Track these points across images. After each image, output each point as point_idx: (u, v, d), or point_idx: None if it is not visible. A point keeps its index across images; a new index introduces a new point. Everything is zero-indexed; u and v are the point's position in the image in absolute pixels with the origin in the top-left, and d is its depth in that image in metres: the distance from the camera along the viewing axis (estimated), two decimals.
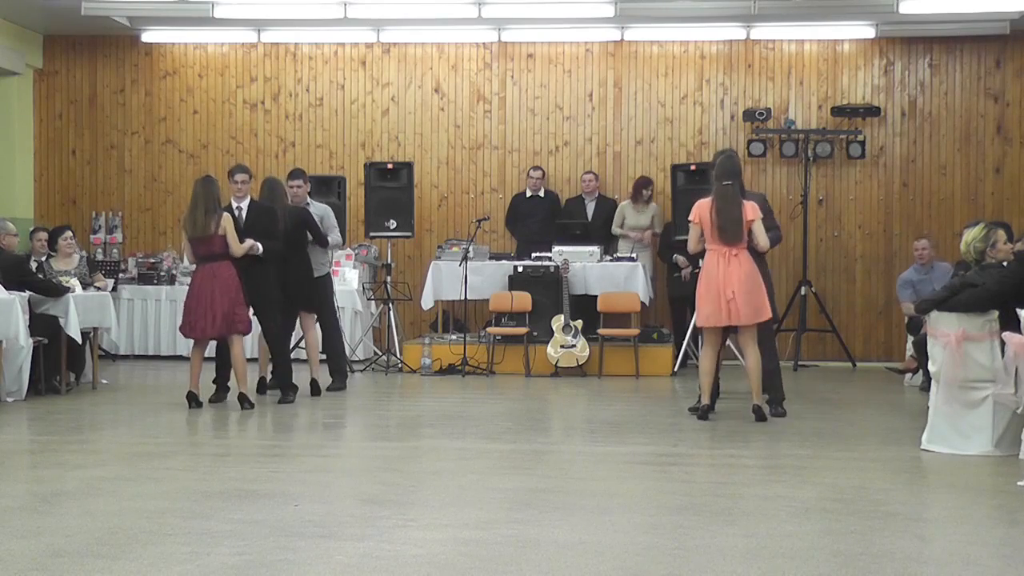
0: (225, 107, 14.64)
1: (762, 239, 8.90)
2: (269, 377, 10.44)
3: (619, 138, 14.24)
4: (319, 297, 10.60)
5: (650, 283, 12.89)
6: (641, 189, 13.42)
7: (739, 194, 8.89)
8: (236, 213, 9.78)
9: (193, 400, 9.49)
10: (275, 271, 9.95)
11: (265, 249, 9.71)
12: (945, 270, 11.34)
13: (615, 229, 13.41)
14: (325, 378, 10.70)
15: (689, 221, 9.02)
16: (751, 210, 8.86)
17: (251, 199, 10.05)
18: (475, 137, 14.40)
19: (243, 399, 9.43)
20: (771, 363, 9.22)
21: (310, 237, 10.47)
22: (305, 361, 10.78)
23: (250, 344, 11.11)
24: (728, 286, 8.75)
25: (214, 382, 9.96)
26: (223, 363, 9.96)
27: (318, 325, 10.68)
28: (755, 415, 8.86)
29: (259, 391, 10.35)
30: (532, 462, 7.34)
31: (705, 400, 8.99)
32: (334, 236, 10.82)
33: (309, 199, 10.89)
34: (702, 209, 8.89)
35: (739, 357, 10.92)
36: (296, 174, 10.84)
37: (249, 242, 9.61)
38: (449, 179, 14.42)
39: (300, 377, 10.33)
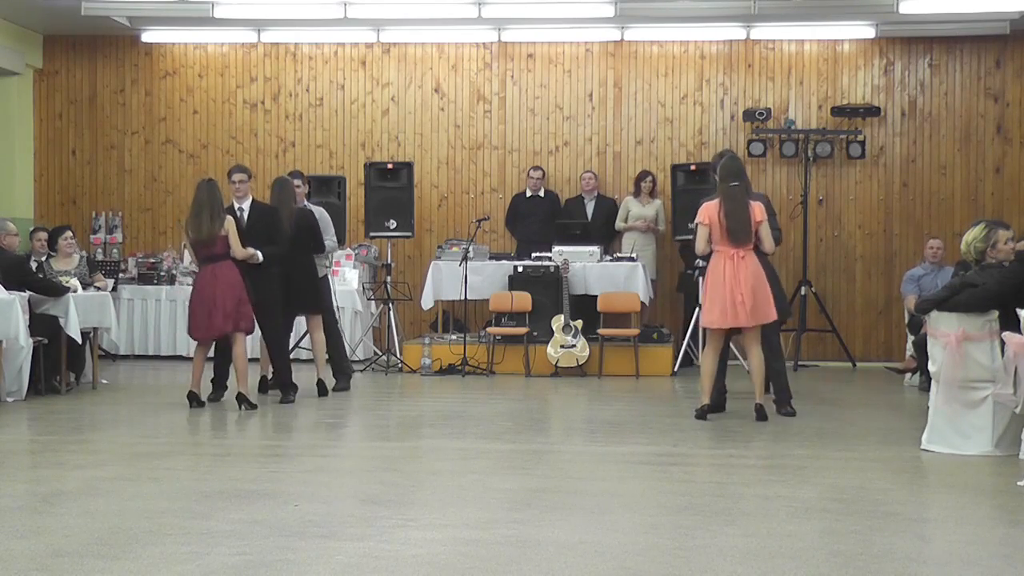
0: (225, 107, 14.64)
1: (768, 241, 8.91)
2: (270, 376, 10.44)
3: (619, 138, 14.24)
4: (325, 299, 10.63)
5: (650, 283, 12.88)
6: (639, 182, 13.42)
7: (746, 195, 8.89)
8: (238, 214, 9.79)
9: (194, 400, 9.50)
10: (279, 272, 9.94)
11: (265, 254, 9.71)
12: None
13: (619, 224, 13.39)
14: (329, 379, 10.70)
15: (696, 223, 8.98)
16: (759, 211, 8.86)
17: (252, 199, 10.05)
18: (475, 137, 14.40)
19: (242, 398, 9.41)
20: (777, 363, 9.28)
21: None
22: (305, 361, 10.76)
23: (251, 343, 11.10)
24: (738, 288, 8.74)
25: (212, 381, 9.99)
26: (222, 361, 10.00)
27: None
28: (756, 414, 8.87)
29: (260, 390, 10.36)
30: (532, 462, 7.33)
31: (705, 400, 8.99)
32: (330, 241, 10.83)
33: (306, 201, 10.92)
34: (710, 210, 8.86)
35: (739, 357, 10.93)
36: (295, 175, 10.94)
37: (249, 250, 9.61)
38: (449, 179, 14.42)
39: (300, 377, 10.33)
